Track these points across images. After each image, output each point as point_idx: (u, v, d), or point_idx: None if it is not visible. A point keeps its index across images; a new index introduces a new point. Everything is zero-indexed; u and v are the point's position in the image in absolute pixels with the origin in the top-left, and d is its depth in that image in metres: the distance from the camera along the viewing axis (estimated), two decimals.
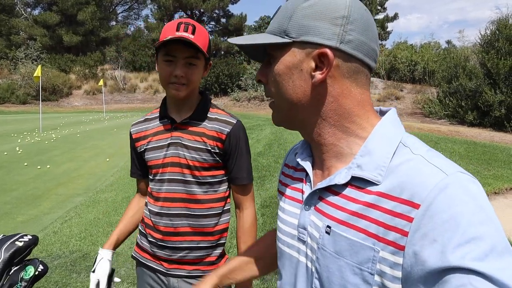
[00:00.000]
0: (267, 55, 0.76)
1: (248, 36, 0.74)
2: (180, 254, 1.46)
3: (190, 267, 1.47)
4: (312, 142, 0.76)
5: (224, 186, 1.49)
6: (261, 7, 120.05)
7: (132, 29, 46.20)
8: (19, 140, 11.48)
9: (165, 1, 34.80)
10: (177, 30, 1.33)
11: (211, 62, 1.49)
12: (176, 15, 37.92)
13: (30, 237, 1.36)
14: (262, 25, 33.71)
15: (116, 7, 45.85)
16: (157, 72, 1.45)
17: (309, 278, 0.73)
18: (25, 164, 8.09)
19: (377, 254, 0.61)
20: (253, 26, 35.74)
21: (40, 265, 1.37)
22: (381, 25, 33.61)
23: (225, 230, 1.52)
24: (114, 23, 43.90)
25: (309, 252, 0.74)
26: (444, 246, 0.54)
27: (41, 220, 4.91)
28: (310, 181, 0.77)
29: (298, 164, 0.84)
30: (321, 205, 0.72)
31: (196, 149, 1.41)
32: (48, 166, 7.91)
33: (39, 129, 14.17)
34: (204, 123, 1.44)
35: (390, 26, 38.92)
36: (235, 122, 1.46)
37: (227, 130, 1.43)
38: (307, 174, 0.79)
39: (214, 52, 36.27)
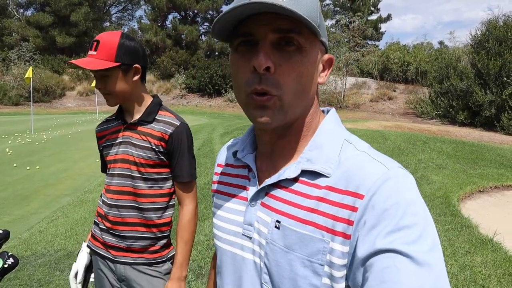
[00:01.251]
0: (285, 39, 0.64)
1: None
2: (127, 243, 1.58)
3: (136, 255, 1.60)
4: (279, 139, 0.74)
5: (169, 183, 1.62)
6: None
7: (126, 30, 46.06)
8: (9, 142, 11.43)
9: (158, 2, 34.77)
10: (90, 49, 1.50)
11: (137, 65, 1.54)
12: (170, 16, 37.94)
13: (1, 232, 1.39)
14: None
15: (110, 8, 45.73)
16: (150, 73, 1.60)
17: (257, 274, 0.73)
18: (15, 165, 8.07)
19: (327, 245, 0.63)
20: None
21: (10, 258, 1.39)
22: (374, 26, 33.76)
23: (169, 223, 1.65)
24: (107, 24, 43.74)
25: (256, 248, 0.73)
26: (378, 233, 0.58)
27: (28, 220, 4.92)
28: (255, 177, 0.77)
29: (237, 161, 0.83)
30: (269, 201, 0.73)
31: (142, 147, 1.55)
32: (37, 167, 7.90)
33: (31, 130, 14.12)
34: (152, 124, 1.57)
35: (384, 26, 39.14)
36: (178, 124, 1.57)
37: (170, 131, 1.55)
38: (249, 170, 0.79)
39: (208, 53, 36.25)
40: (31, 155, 9.31)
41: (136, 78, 1.55)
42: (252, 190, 0.76)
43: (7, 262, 1.37)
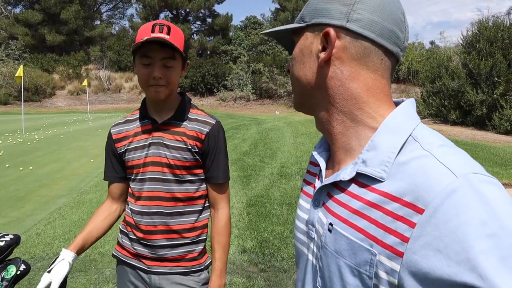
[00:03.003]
0: None
1: (278, 27, 0.77)
2: (161, 252, 1.47)
3: (172, 264, 1.49)
4: (324, 132, 0.74)
5: (204, 184, 1.52)
6: (247, 7, 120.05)
7: (117, 28, 45.72)
8: (0, 142, 11.25)
9: (150, 0, 34.52)
10: (152, 31, 1.33)
11: (188, 61, 1.50)
12: (162, 15, 37.68)
13: (12, 237, 1.34)
14: (248, 25, 33.66)
15: (101, 6, 45.29)
16: None
17: (314, 276, 0.71)
18: (7, 165, 7.94)
19: (374, 257, 0.58)
20: (239, 26, 35.69)
21: (22, 265, 1.35)
22: None
23: (205, 226, 1.54)
24: (98, 22, 43.32)
25: (315, 250, 0.72)
26: (449, 259, 0.49)
27: (24, 222, 4.83)
28: (322, 176, 0.74)
29: (315, 159, 0.80)
30: (329, 202, 0.69)
31: (177, 148, 1.44)
32: (30, 168, 7.79)
33: (22, 130, 13.91)
34: (184, 123, 1.47)
35: None
36: (214, 123, 1.49)
37: (206, 130, 1.46)
38: (321, 169, 0.76)
39: (200, 52, 36.11)
40: (24, 155, 9.17)
41: (183, 74, 1.48)
42: (316, 189, 0.74)
43: (20, 269, 1.33)
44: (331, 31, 0.65)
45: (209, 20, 39.00)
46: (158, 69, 1.36)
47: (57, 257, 1.36)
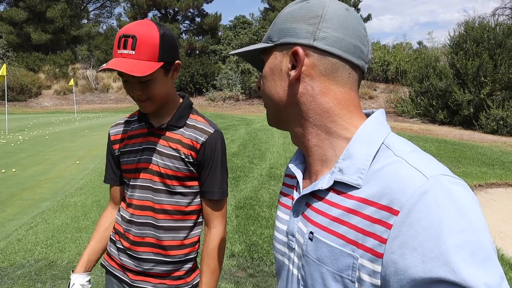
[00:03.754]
0: None
1: (246, 46, 0.80)
2: (146, 266, 1.38)
3: (156, 281, 1.39)
4: (300, 145, 0.76)
5: (198, 198, 1.40)
6: (236, 6, 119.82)
7: (104, 27, 45.18)
8: None
9: None
10: (118, 47, 1.20)
11: (178, 61, 1.34)
12: (150, 14, 37.32)
13: None
14: (237, 25, 33.51)
15: (88, 5, 44.70)
16: None
17: (297, 285, 0.72)
18: None
19: (356, 261, 0.60)
20: (228, 26, 35.52)
21: None
22: None
23: (195, 243, 1.43)
24: (85, 21, 42.75)
25: (296, 260, 0.73)
26: (424, 256, 0.52)
27: (4, 227, 4.67)
28: (299, 188, 0.77)
29: (291, 171, 0.84)
30: (307, 211, 0.72)
31: (170, 156, 1.33)
32: (13, 170, 7.58)
33: (5, 131, 13.61)
34: (181, 130, 1.35)
35: None
36: (212, 132, 1.36)
37: (203, 139, 1.34)
38: (298, 181, 0.78)
39: (189, 51, 35.88)
40: (6, 157, 8.94)
41: (176, 75, 1.34)
42: (294, 200, 0.77)
43: None
44: (300, 50, 0.68)
45: (198, 19, 38.78)
46: (135, 87, 1.26)
47: (69, 283, 1.38)
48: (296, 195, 0.78)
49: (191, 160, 1.33)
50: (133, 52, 1.19)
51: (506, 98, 13.71)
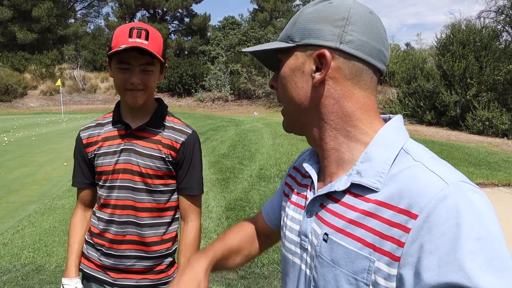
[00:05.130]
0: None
1: (261, 44, 0.77)
2: (128, 263, 1.43)
3: (139, 276, 1.44)
4: (316, 148, 0.76)
5: (175, 195, 1.48)
6: (225, 7, 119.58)
7: (92, 27, 44.64)
8: None
9: None
10: (130, 36, 1.28)
11: (166, 65, 1.46)
12: (138, 14, 37.06)
13: None
14: (226, 25, 33.44)
15: (75, 4, 44.14)
16: None
17: (307, 286, 0.73)
18: None
19: (373, 264, 0.60)
20: (217, 26, 35.43)
21: None
22: None
23: (174, 238, 1.51)
24: (72, 20, 42.19)
25: (308, 260, 0.73)
26: (440, 260, 0.52)
27: None
28: (314, 188, 0.76)
29: (306, 170, 0.82)
30: (322, 213, 0.72)
31: (150, 156, 1.39)
32: None
33: None
34: (160, 130, 1.42)
35: None
36: (190, 132, 1.45)
37: (182, 139, 1.42)
38: (312, 181, 0.78)
39: (177, 52, 35.69)
40: None
41: (161, 78, 1.44)
42: (308, 200, 0.76)
43: None
44: (327, 53, 0.67)
45: (186, 19, 38.62)
46: (137, 74, 1.32)
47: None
48: (310, 195, 0.77)
49: (171, 159, 1.41)
50: (147, 42, 1.28)
51: (491, 100, 13.93)
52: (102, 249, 1.44)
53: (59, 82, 22.38)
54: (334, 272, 0.66)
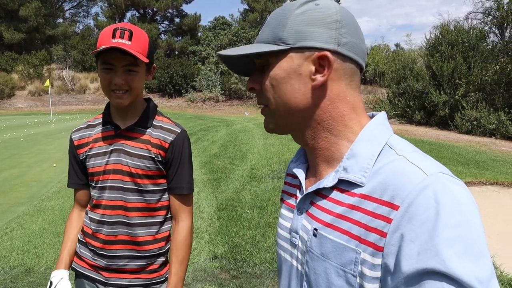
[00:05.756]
0: (258, 64, 0.77)
1: (238, 48, 0.75)
2: (121, 263, 1.43)
3: (131, 276, 1.44)
4: (306, 147, 0.78)
5: (166, 195, 1.48)
6: (215, 7, 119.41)
7: (81, 27, 44.21)
8: None
9: None
10: (113, 37, 1.29)
11: (155, 65, 1.46)
12: (128, 14, 36.80)
13: None
14: (216, 26, 33.36)
15: (63, 4, 43.68)
16: None
17: (299, 281, 0.75)
18: None
19: (359, 255, 0.62)
20: (207, 26, 35.33)
21: None
22: None
23: (166, 238, 1.51)
24: (61, 20, 41.77)
25: (299, 256, 0.76)
26: (420, 248, 0.54)
27: None
28: (302, 187, 0.79)
29: (294, 172, 0.85)
30: (312, 209, 0.74)
31: (139, 156, 1.39)
32: None
33: None
34: (149, 130, 1.42)
35: None
36: (179, 131, 1.44)
37: (171, 138, 1.42)
38: (300, 180, 0.81)
39: (168, 52, 35.53)
40: None
41: (150, 78, 1.44)
42: (298, 199, 0.79)
43: None
44: (330, 55, 0.69)
45: (177, 20, 38.44)
46: (120, 75, 1.32)
47: (51, 280, 1.37)
48: (299, 194, 0.80)
49: (160, 159, 1.41)
50: (129, 43, 1.28)
51: (479, 100, 14.13)
52: (95, 249, 1.44)
53: (47, 83, 22.13)
54: (324, 266, 0.68)
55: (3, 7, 33.02)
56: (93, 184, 1.45)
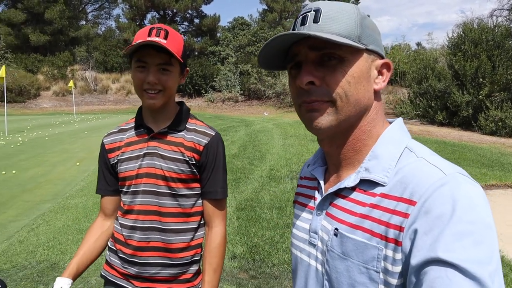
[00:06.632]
0: (314, 57, 0.72)
1: (319, 33, 0.68)
2: (153, 271, 1.37)
3: (163, 285, 1.38)
4: (338, 148, 0.78)
5: (200, 200, 1.43)
6: (234, 7, 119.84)
7: (103, 29, 45.13)
8: None
9: (136, 0, 34.17)
10: (149, 35, 1.27)
11: (188, 68, 1.44)
12: (149, 15, 37.35)
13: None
14: (235, 26, 33.51)
15: (86, 6, 44.67)
16: (129, 73, 1.40)
17: (319, 280, 0.77)
18: None
19: (381, 252, 0.64)
20: (226, 27, 35.52)
21: None
22: None
23: (200, 245, 1.45)
24: (84, 22, 42.71)
25: (319, 255, 0.77)
26: (432, 240, 0.57)
27: (5, 229, 4.67)
28: (321, 189, 0.81)
29: (311, 174, 0.88)
30: (332, 210, 0.76)
31: (173, 159, 1.35)
32: (13, 171, 7.57)
33: (5, 132, 13.59)
34: (182, 133, 1.39)
35: None
36: (213, 134, 1.41)
37: (205, 141, 1.38)
38: (319, 182, 0.83)
39: (187, 52, 35.85)
40: (6, 158, 8.94)
41: (182, 81, 1.42)
42: (318, 200, 0.81)
43: None
44: (391, 63, 0.76)
45: (196, 20, 38.81)
46: (154, 74, 1.29)
47: (53, 285, 1.30)
48: (318, 196, 0.82)
49: (194, 162, 1.37)
50: (165, 41, 1.27)
51: (504, 100, 13.75)
52: (126, 257, 1.39)
53: (71, 83, 22.68)
54: (345, 264, 0.70)
55: (29, 11, 34.02)
56: (124, 189, 1.41)
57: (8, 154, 9.54)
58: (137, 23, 36.07)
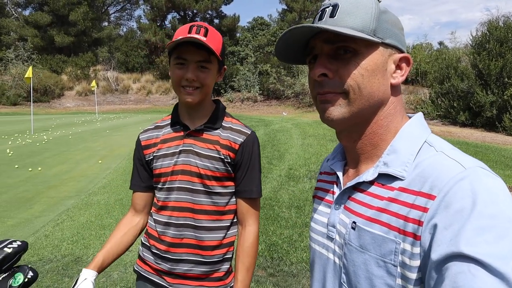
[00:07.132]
0: (329, 50, 0.74)
1: (315, 25, 0.70)
2: (185, 267, 1.38)
3: (195, 283, 1.39)
4: (352, 143, 0.79)
5: (234, 198, 1.43)
6: (254, 8, 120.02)
7: (124, 29, 45.92)
8: (9, 142, 11.34)
9: (157, 1, 34.62)
10: (189, 32, 1.29)
11: (225, 66, 1.45)
12: (169, 16, 37.79)
13: (20, 243, 1.31)
14: (255, 26, 33.58)
15: (109, 8, 45.54)
16: (149, 73, 1.41)
17: (337, 273, 0.77)
18: (16, 166, 7.99)
19: (399, 246, 0.64)
20: (246, 27, 35.63)
21: (30, 272, 1.33)
22: None
23: (232, 243, 1.45)
24: (106, 23, 43.56)
25: (337, 249, 0.78)
26: (453, 234, 0.56)
27: (32, 224, 4.84)
28: (340, 183, 0.82)
29: (331, 169, 0.89)
30: (350, 204, 0.77)
31: (209, 157, 1.36)
32: (39, 169, 7.82)
33: (31, 131, 14.02)
34: (218, 131, 1.39)
35: None
36: (249, 133, 1.41)
37: (241, 140, 1.38)
38: (338, 176, 0.83)
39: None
40: (32, 156, 9.23)
41: (220, 79, 1.43)
42: (336, 194, 0.81)
43: (27, 277, 1.31)
44: (411, 58, 0.75)
45: (216, 21, 39.02)
46: (192, 70, 1.30)
47: (78, 277, 1.30)
48: (337, 190, 0.82)
49: (229, 160, 1.37)
50: (205, 38, 1.28)
51: None
52: (159, 252, 1.40)
53: (94, 83, 23.19)
54: (363, 257, 0.70)
55: (55, 13, 34.94)
56: (159, 186, 1.42)
57: (34, 151, 9.85)
58: (158, 24, 36.55)
